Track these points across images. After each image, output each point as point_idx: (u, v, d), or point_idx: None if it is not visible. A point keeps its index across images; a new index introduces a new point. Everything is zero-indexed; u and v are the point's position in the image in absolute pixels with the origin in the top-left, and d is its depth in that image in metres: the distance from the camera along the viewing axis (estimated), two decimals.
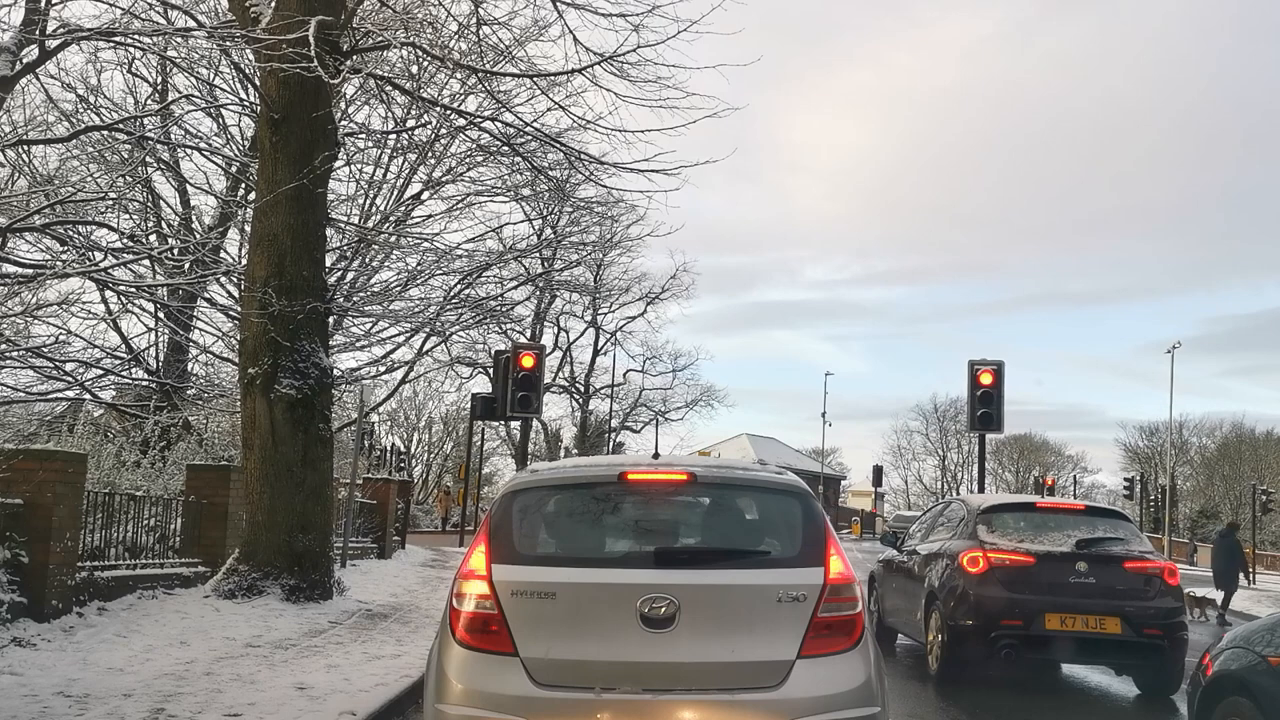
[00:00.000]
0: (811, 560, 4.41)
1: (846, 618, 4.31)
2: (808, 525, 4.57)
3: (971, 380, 18.33)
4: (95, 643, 8.01)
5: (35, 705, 6.02)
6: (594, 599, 4.26)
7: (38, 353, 14.02)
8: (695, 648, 4.14)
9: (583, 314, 47.59)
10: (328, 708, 6.42)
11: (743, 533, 4.77)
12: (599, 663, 4.14)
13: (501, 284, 22.75)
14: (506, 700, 4.12)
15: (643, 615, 4.15)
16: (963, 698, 8.60)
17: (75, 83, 15.48)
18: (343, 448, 17.75)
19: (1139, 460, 75.93)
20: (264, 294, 10.98)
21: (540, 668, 4.15)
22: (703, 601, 4.22)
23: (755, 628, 4.21)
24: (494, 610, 4.25)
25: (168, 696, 6.46)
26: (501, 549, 4.42)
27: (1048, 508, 9.79)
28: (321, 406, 11.36)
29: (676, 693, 4.12)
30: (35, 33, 10.24)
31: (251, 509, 11.02)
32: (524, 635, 4.20)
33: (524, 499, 4.66)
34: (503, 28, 11.98)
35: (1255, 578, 34.61)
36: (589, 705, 4.09)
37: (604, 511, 4.72)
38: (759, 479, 4.85)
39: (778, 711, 4.10)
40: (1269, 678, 4.60)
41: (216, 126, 17.96)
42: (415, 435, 60.92)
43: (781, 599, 4.26)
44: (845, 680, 4.22)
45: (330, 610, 10.69)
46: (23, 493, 8.23)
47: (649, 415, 52.96)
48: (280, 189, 10.81)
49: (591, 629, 4.19)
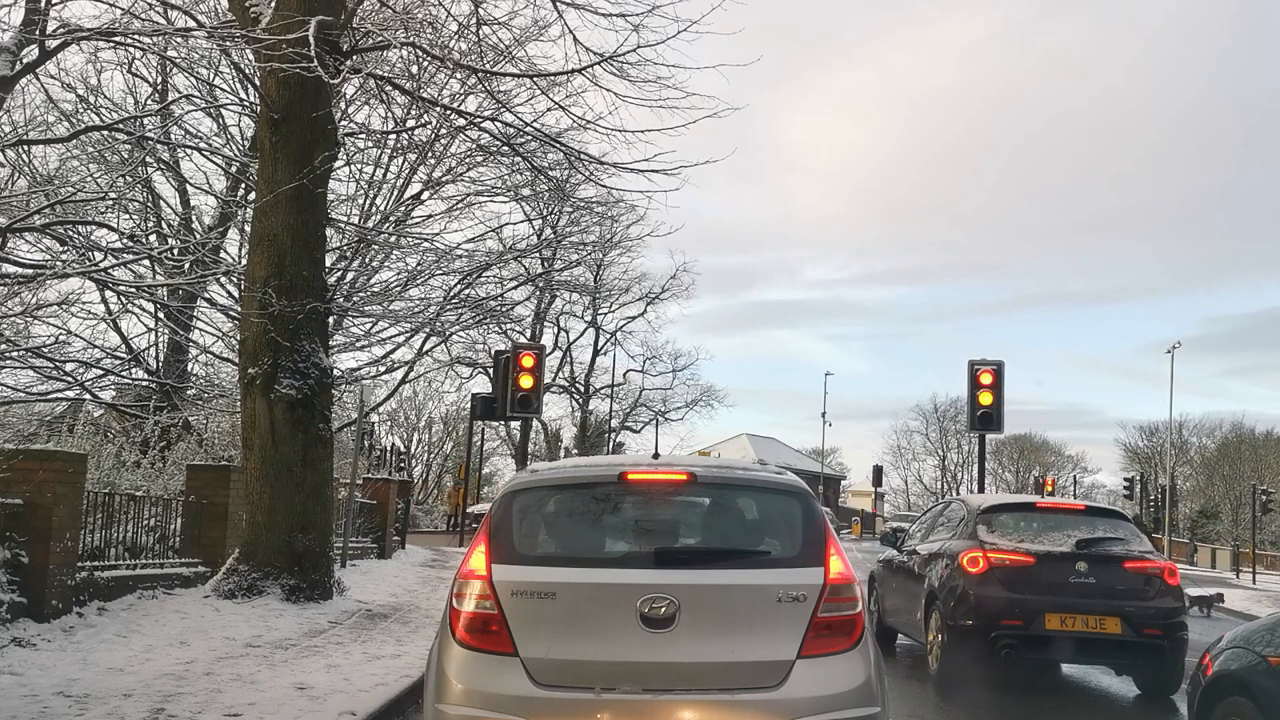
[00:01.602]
0: (811, 560, 4.41)
1: (847, 618, 4.31)
2: (808, 525, 4.57)
3: (971, 380, 18.32)
4: (95, 643, 8.01)
5: (35, 705, 6.02)
6: (594, 599, 4.26)
7: (38, 353, 14.02)
8: (695, 648, 4.14)
9: (583, 314, 47.68)
10: (328, 708, 6.42)
11: (743, 533, 4.76)
12: (599, 663, 4.13)
13: (501, 284, 22.77)
14: (506, 700, 4.11)
15: (643, 615, 4.15)
16: (962, 698, 8.59)
17: (75, 83, 15.51)
18: (343, 448, 17.75)
19: (1139, 460, 75.93)
20: (264, 294, 10.98)
21: (540, 668, 4.15)
22: (703, 601, 4.21)
23: (755, 628, 4.21)
24: (494, 610, 4.24)
25: (168, 696, 6.46)
26: (501, 549, 4.42)
27: (1048, 508, 9.78)
28: (321, 406, 11.36)
29: (676, 693, 4.12)
30: (35, 33, 10.23)
31: (251, 509, 11.02)
32: (524, 635, 4.19)
33: (524, 499, 4.65)
34: (503, 28, 12.01)
35: (1256, 577, 34.60)
36: (589, 705, 4.08)
37: (604, 511, 4.71)
38: (759, 479, 4.84)
39: (778, 711, 4.10)
40: (1269, 678, 4.59)
41: (216, 127, 17.98)
42: (415, 435, 60.98)
43: (781, 599, 4.26)
44: (845, 680, 4.22)
45: (330, 610, 10.69)
46: (23, 493, 8.23)
47: (649, 415, 53.00)
48: (280, 189, 10.81)
49: (591, 629, 4.18)
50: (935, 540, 10.08)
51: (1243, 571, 37.15)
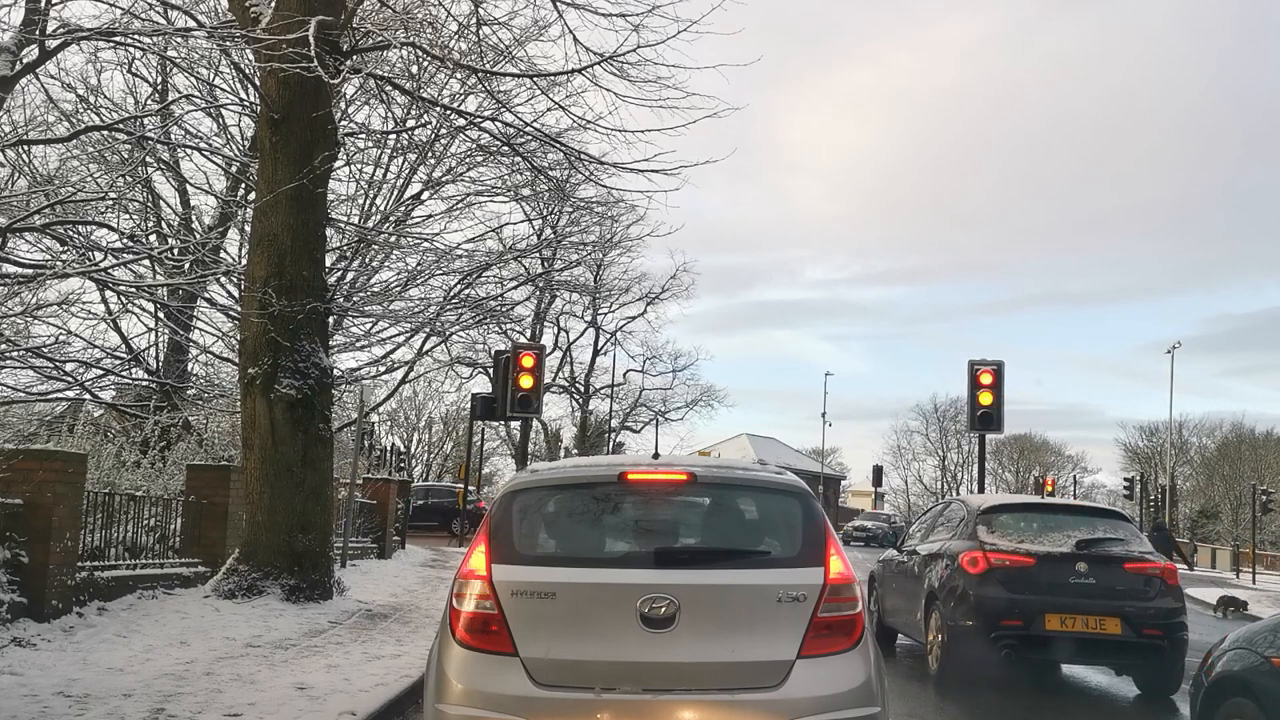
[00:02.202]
0: (811, 560, 4.41)
1: (847, 618, 4.31)
2: (808, 525, 4.57)
3: (971, 380, 18.32)
4: (95, 643, 8.01)
5: (35, 705, 6.02)
6: (594, 599, 4.26)
7: (38, 353, 14.01)
8: (695, 648, 4.14)
9: (583, 314, 47.64)
10: (328, 708, 6.42)
11: (743, 533, 4.77)
12: (599, 663, 4.14)
13: (501, 284, 22.76)
14: (506, 700, 4.12)
15: (643, 615, 4.15)
16: (963, 698, 8.59)
17: (75, 83, 15.50)
18: (343, 448, 17.75)
19: (1139, 460, 75.85)
20: (264, 294, 10.98)
21: (540, 668, 4.15)
22: (703, 601, 4.21)
23: (755, 628, 4.21)
24: (494, 610, 4.25)
25: (168, 696, 6.46)
26: (501, 549, 4.42)
27: (1047, 508, 9.80)
28: (321, 406, 11.35)
29: (676, 693, 4.12)
30: (35, 33, 10.23)
31: (251, 509, 11.01)
32: (524, 635, 4.20)
33: (524, 499, 4.65)
34: (503, 28, 12.00)
35: (1256, 577, 34.61)
36: (589, 705, 4.09)
37: (604, 511, 4.71)
38: (759, 479, 4.84)
39: (778, 712, 4.10)
40: (1271, 679, 4.60)
41: (217, 127, 17.98)
42: (415, 435, 61.01)
43: (781, 599, 4.26)
44: (845, 680, 4.22)
45: (330, 610, 10.69)
46: (23, 493, 8.23)
47: (649, 415, 52.96)
48: (280, 189, 10.81)
49: (591, 629, 4.19)
50: (935, 540, 10.08)
51: (1243, 571, 37.16)
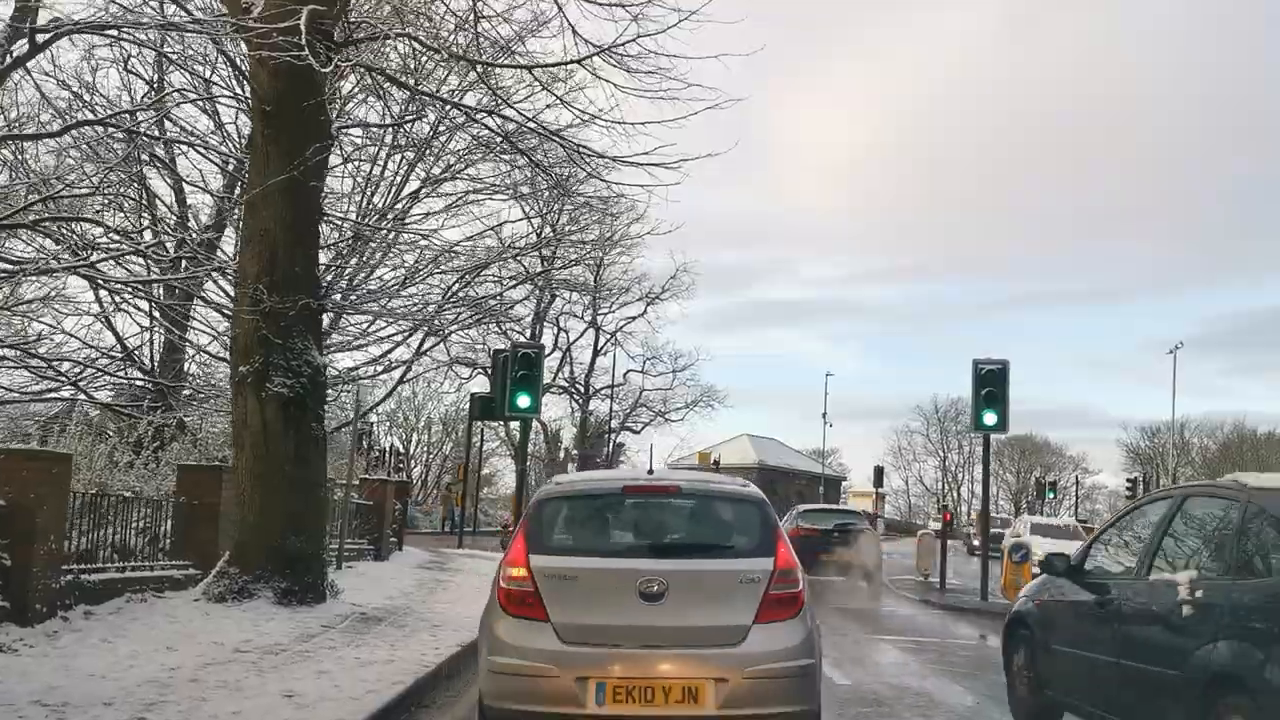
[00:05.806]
0: (765, 552, 5.79)
1: (790, 594, 5.68)
2: (763, 526, 5.96)
3: (976, 379, 18.11)
4: (79, 648, 7.77)
5: (10, 715, 5.80)
6: (604, 580, 5.66)
7: (30, 351, 13.82)
8: (679, 616, 5.51)
9: (582, 314, 47.36)
10: (317, 716, 6.23)
11: (715, 531, 6.25)
12: (609, 626, 5.52)
13: (500, 283, 22.51)
14: (542, 654, 5.47)
15: (640, 592, 5.53)
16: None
17: (70, 80, 15.28)
18: (340, 448, 17.57)
19: (1141, 461, 75.65)
20: (255, 290, 10.75)
21: (566, 630, 5.52)
22: (685, 582, 5.60)
23: (723, 602, 5.60)
24: (530, 588, 5.63)
25: (149, 705, 6.24)
26: (535, 542, 5.82)
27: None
28: (314, 405, 11.14)
29: (665, 648, 5.48)
30: (26, 25, 10.03)
31: (243, 509, 10.78)
32: (553, 606, 5.57)
33: (551, 505, 6.17)
34: (503, 21, 11.77)
35: None
36: (603, 657, 5.45)
37: (611, 514, 6.25)
38: (728, 490, 6.39)
39: (739, 664, 5.44)
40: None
41: (213, 125, 17.75)
42: (414, 436, 60.83)
43: (743, 580, 5.65)
44: (788, 639, 5.57)
45: (323, 614, 10.46)
46: (5, 494, 7.98)
47: (649, 416, 52.74)
48: (271, 181, 10.58)
49: (603, 602, 5.58)
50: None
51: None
